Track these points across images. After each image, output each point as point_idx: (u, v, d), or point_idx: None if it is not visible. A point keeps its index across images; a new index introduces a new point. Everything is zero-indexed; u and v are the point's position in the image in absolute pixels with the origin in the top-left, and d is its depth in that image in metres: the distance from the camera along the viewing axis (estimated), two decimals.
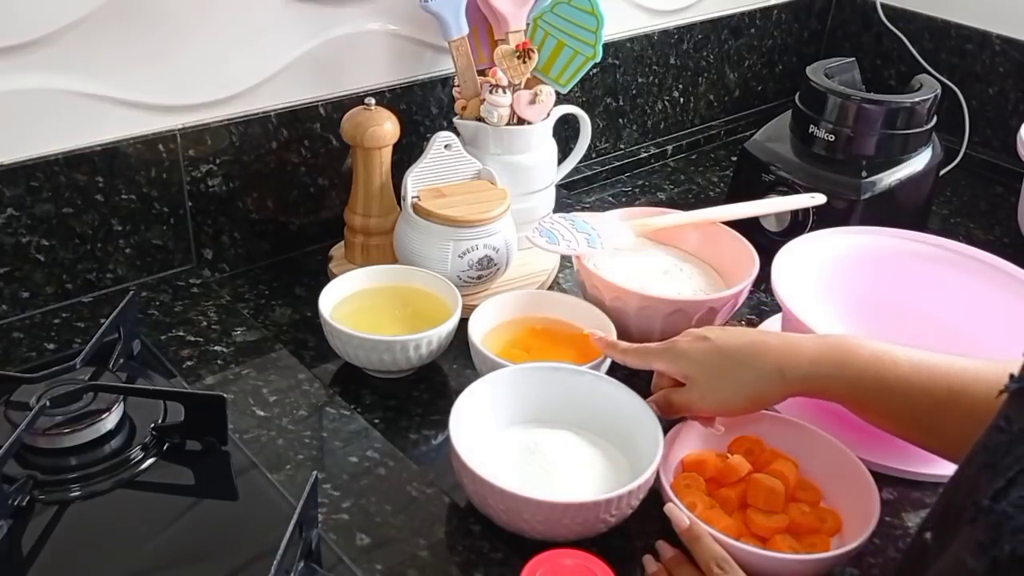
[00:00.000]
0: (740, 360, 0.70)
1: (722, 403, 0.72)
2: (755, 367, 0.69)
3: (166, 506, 0.69)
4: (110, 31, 0.84)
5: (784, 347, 0.70)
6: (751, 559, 0.65)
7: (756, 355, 0.70)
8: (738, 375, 0.70)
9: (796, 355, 0.69)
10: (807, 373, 0.68)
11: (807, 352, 0.69)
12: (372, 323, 0.85)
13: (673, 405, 0.74)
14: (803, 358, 0.69)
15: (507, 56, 0.96)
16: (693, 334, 0.74)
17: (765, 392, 0.70)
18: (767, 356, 0.69)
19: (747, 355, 0.70)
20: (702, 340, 0.72)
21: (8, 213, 0.84)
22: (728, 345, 0.71)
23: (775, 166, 1.10)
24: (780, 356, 0.69)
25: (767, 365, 0.69)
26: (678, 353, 0.73)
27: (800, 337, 0.71)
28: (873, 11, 1.47)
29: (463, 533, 0.69)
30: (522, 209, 0.99)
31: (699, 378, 0.72)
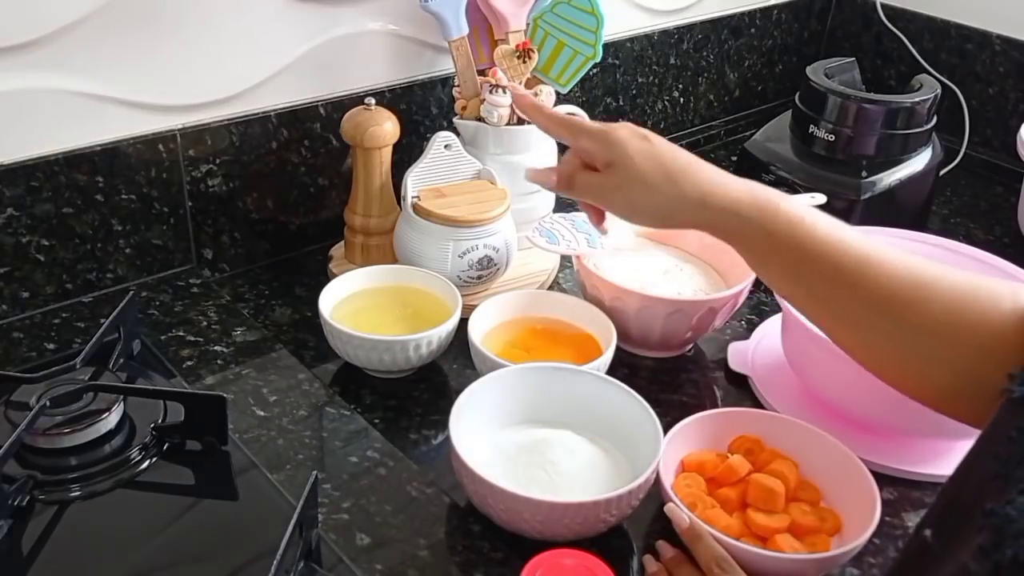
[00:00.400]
0: (671, 173, 0.68)
1: (634, 206, 0.69)
2: (682, 185, 0.67)
3: (166, 506, 0.69)
4: (110, 31, 0.84)
5: (715, 177, 0.68)
6: (752, 559, 0.65)
7: (686, 175, 0.68)
8: (663, 187, 0.68)
9: (724, 189, 0.67)
10: (727, 208, 0.67)
11: (734, 191, 0.67)
12: (372, 323, 0.85)
13: (579, 185, 0.71)
14: (729, 194, 0.67)
15: (507, 56, 0.96)
16: (632, 128, 0.71)
17: (679, 213, 0.68)
18: (697, 179, 0.67)
19: (680, 171, 0.68)
20: (642, 139, 0.70)
21: (8, 213, 0.84)
22: (666, 154, 0.69)
23: (775, 166, 1.10)
24: (709, 184, 0.67)
25: (693, 188, 0.67)
26: (614, 140, 0.69)
27: (732, 176, 0.69)
28: (873, 11, 1.47)
29: (463, 533, 0.69)
30: (522, 209, 0.99)
31: (622, 172, 0.68)
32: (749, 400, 0.88)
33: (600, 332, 0.86)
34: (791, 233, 0.65)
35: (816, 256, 0.64)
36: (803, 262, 0.65)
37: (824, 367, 0.82)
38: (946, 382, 0.63)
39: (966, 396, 0.62)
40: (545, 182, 0.72)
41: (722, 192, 0.67)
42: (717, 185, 0.67)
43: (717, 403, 0.88)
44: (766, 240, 0.66)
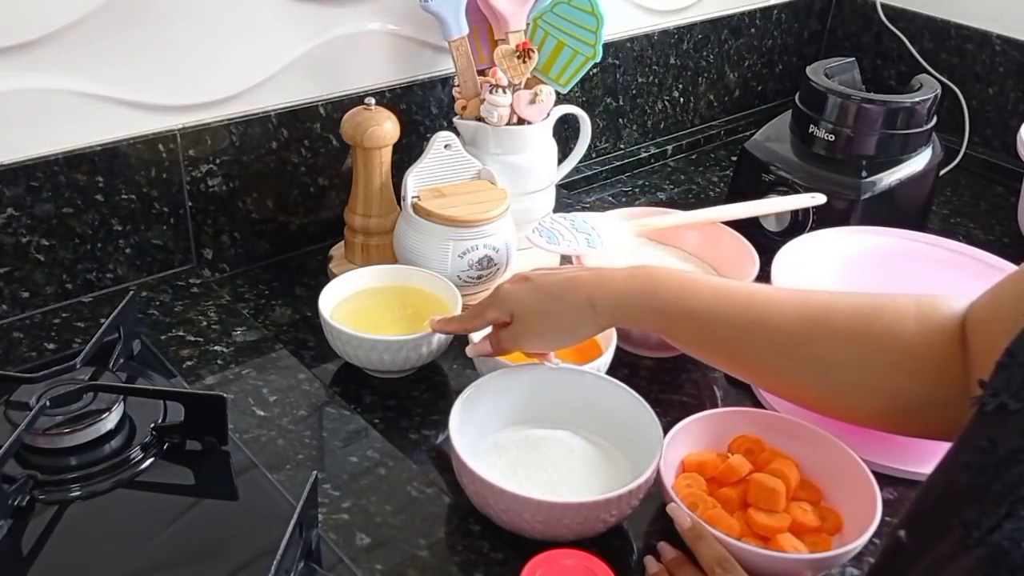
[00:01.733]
0: (556, 295, 0.73)
1: (542, 336, 0.75)
2: (568, 300, 0.72)
3: (166, 506, 0.69)
4: (110, 31, 0.84)
5: (596, 279, 0.73)
6: (754, 559, 0.65)
7: (570, 289, 0.72)
8: (554, 310, 0.73)
9: (606, 287, 0.72)
10: (616, 304, 0.71)
11: (617, 283, 0.72)
12: (372, 323, 0.85)
13: (502, 342, 0.76)
14: (613, 289, 0.72)
15: (507, 56, 0.96)
16: (515, 276, 0.77)
17: (579, 324, 0.73)
18: (579, 290, 0.72)
19: (562, 290, 0.73)
20: (523, 281, 0.75)
21: (8, 213, 0.84)
22: (545, 282, 0.74)
23: (775, 166, 1.10)
24: (592, 288, 0.72)
25: (579, 298, 0.72)
26: (502, 296, 0.75)
27: (612, 270, 0.74)
28: (873, 11, 1.47)
29: (463, 533, 0.69)
30: (522, 209, 0.99)
31: (521, 315, 0.74)
32: (749, 400, 0.88)
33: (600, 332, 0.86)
34: (680, 305, 0.70)
35: (709, 318, 0.70)
36: (700, 326, 0.71)
37: None
38: (877, 405, 0.68)
39: (903, 414, 0.67)
40: (483, 351, 0.77)
41: (606, 290, 0.72)
42: (599, 286, 0.72)
43: (717, 403, 0.88)
44: (661, 318, 0.71)
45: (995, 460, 0.42)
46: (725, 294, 0.71)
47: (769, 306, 0.69)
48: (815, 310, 0.68)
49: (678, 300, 0.70)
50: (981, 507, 0.40)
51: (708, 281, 0.72)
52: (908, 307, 0.67)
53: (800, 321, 0.68)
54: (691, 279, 0.72)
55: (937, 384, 0.65)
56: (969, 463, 0.43)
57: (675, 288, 0.71)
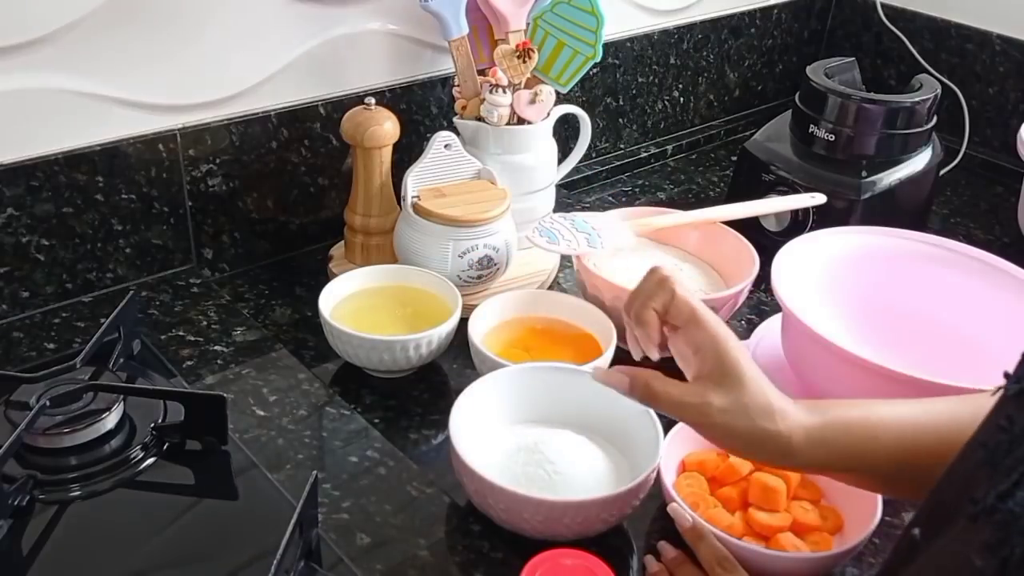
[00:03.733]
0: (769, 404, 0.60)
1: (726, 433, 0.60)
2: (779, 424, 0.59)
3: (166, 506, 0.69)
4: (110, 31, 0.84)
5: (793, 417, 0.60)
6: (755, 558, 0.65)
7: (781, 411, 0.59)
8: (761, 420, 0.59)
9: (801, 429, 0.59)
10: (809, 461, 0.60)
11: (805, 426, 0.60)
12: (372, 323, 0.85)
13: (662, 397, 0.61)
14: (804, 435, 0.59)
15: (507, 56, 0.96)
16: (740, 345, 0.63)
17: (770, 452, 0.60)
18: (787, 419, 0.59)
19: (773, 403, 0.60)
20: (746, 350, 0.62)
21: (8, 213, 0.84)
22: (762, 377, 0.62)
23: (775, 166, 1.10)
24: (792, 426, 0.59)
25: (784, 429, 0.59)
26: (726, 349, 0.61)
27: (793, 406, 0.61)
28: (873, 11, 1.47)
29: (463, 533, 0.69)
30: (522, 209, 0.99)
31: (729, 392, 0.59)
32: None
33: (600, 332, 0.86)
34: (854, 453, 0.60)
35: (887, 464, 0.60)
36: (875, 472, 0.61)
37: (824, 367, 0.82)
38: None
39: None
40: (616, 386, 0.63)
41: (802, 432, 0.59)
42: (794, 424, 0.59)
43: None
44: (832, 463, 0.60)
45: (1011, 436, 0.42)
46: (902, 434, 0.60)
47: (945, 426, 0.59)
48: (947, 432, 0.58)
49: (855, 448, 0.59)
50: (992, 481, 0.40)
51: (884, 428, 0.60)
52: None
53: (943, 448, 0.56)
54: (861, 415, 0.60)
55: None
56: (985, 442, 0.43)
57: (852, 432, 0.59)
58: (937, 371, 0.75)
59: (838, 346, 0.76)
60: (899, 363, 0.74)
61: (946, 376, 0.74)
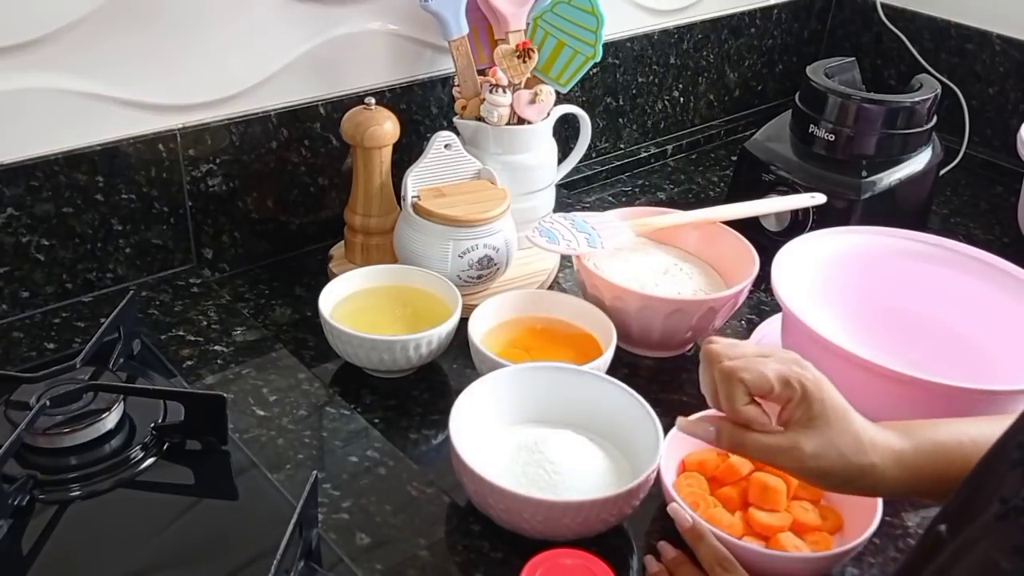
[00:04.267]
0: (856, 436, 0.60)
1: (821, 473, 0.60)
2: (870, 456, 0.60)
3: (166, 506, 0.69)
4: (110, 31, 0.84)
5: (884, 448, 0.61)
6: (755, 558, 0.65)
7: (870, 445, 0.61)
8: (854, 456, 0.60)
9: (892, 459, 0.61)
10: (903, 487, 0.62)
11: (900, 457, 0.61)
12: (372, 323, 0.85)
13: (751, 447, 0.62)
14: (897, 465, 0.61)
15: (507, 56, 0.96)
16: (820, 382, 0.62)
17: (863, 485, 0.61)
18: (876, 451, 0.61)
19: (862, 435, 0.60)
20: (827, 384, 0.62)
21: (8, 213, 0.84)
22: (844, 408, 0.62)
23: (775, 166, 1.10)
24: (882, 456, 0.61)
25: (877, 461, 0.60)
26: (814, 392, 0.60)
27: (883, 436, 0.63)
28: (873, 11, 1.47)
29: (463, 533, 0.69)
30: (522, 209, 0.99)
31: (818, 432, 0.60)
32: None
33: (600, 332, 0.86)
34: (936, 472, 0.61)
35: None
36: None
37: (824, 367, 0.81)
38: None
39: None
40: (703, 437, 0.64)
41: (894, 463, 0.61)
42: (885, 453, 0.61)
43: None
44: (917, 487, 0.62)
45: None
46: None
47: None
48: None
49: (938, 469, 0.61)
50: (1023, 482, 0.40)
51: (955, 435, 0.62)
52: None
53: None
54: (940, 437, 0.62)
55: None
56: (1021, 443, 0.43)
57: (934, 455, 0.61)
58: (937, 371, 0.75)
59: (838, 346, 0.76)
60: (899, 363, 0.75)
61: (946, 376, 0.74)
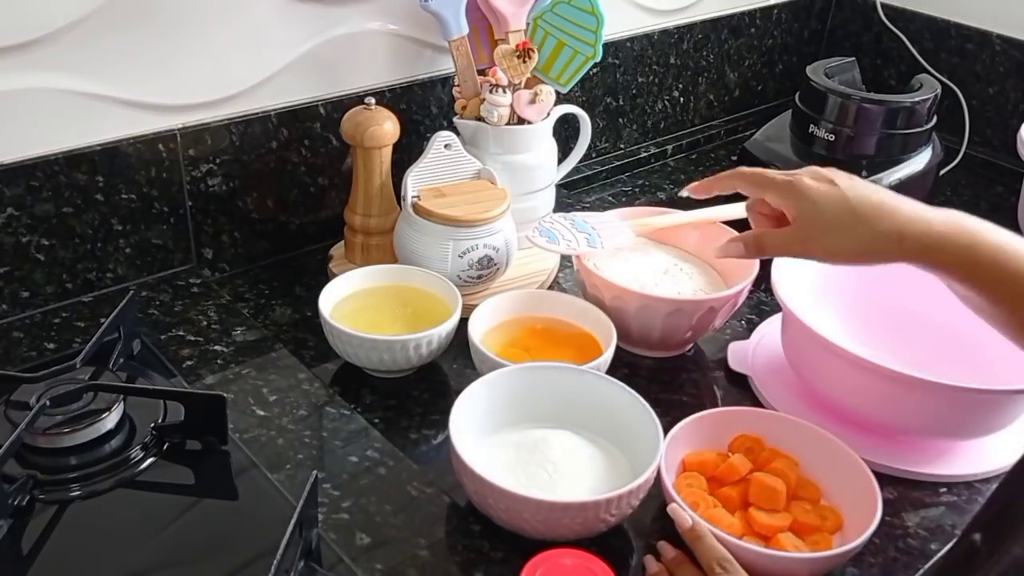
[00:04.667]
0: (864, 216, 0.67)
1: (828, 251, 0.69)
2: (876, 227, 0.67)
3: (166, 506, 0.69)
4: (110, 31, 0.84)
5: (911, 212, 0.67)
6: (755, 558, 0.65)
7: (881, 215, 0.67)
8: (856, 230, 0.67)
9: (921, 224, 0.67)
10: (929, 245, 0.66)
11: (935, 224, 0.67)
12: (372, 323, 0.85)
13: (769, 246, 0.71)
14: (929, 229, 0.66)
15: (507, 56, 0.96)
16: (819, 174, 0.70)
17: (878, 253, 0.67)
18: (892, 218, 0.67)
19: (872, 212, 0.67)
20: (828, 183, 0.69)
21: (8, 213, 0.84)
22: (857, 197, 0.68)
23: (775, 166, 1.10)
24: (905, 221, 0.67)
25: (889, 227, 0.66)
26: (799, 191, 0.69)
27: (928, 209, 0.68)
28: (873, 11, 1.47)
29: (463, 533, 0.69)
30: (522, 209, 0.99)
31: (812, 223, 0.68)
32: (749, 400, 0.88)
33: (600, 332, 0.86)
34: (994, 267, 0.65)
35: (1018, 285, 0.64)
36: (1007, 294, 0.65)
37: (824, 367, 0.82)
38: None
39: None
40: (735, 252, 0.73)
41: (921, 227, 0.66)
42: (913, 220, 0.67)
43: (717, 403, 0.88)
44: (969, 273, 0.66)
45: None
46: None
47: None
48: None
49: (993, 260, 0.65)
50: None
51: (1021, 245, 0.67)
52: None
53: None
54: (1007, 240, 0.67)
55: None
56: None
57: (992, 246, 0.66)
58: (937, 371, 0.75)
59: (838, 346, 0.76)
60: (899, 363, 0.75)
61: (946, 376, 0.74)
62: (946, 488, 0.79)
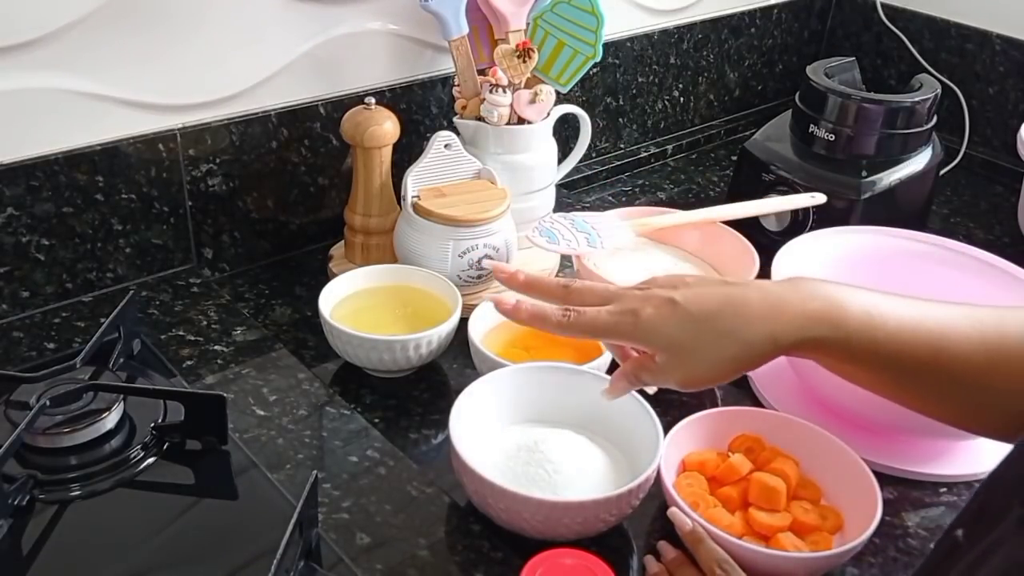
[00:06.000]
0: (725, 330, 0.61)
1: (708, 378, 0.63)
2: (744, 337, 0.61)
3: (166, 506, 0.69)
4: (110, 31, 0.84)
5: (768, 307, 0.62)
6: (755, 558, 0.65)
7: (742, 322, 0.61)
8: (724, 346, 0.61)
9: (786, 316, 0.61)
10: (801, 337, 0.61)
11: (795, 309, 0.62)
12: (372, 323, 0.85)
13: (649, 379, 0.65)
14: (794, 318, 0.61)
15: (507, 55, 0.96)
16: (657, 298, 0.62)
17: (755, 360, 0.62)
18: (755, 322, 0.61)
19: (732, 323, 0.61)
20: (670, 305, 0.62)
21: (8, 213, 0.84)
22: (705, 311, 0.61)
23: (775, 166, 1.10)
24: (770, 321, 0.61)
25: (757, 334, 0.61)
26: (647, 329, 0.61)
27: (781, 292, 0.63)
28: (873, 11, 1.47)
29: (463, 533, 0.69)
30: (522, 209, 0.99)
31: (677, 355, 0.61)
32: (749, 399, 0.88)
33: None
34: (864, 336, 0.61)
35: (892, 352, 0.61)
36: (880, 360, 0.62)
37: None
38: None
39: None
40: (624, 391, 0.67)
41: (786, 319, 0.61)
42: (777, 315, 0.61)
43: (717, 402, 0.88)
44: (843, 350, 0.62)
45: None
46: (911, 328, 0.61)
47: (954, 338, 0.61)
48: (994, 341, 0.61)
49: (862, 332, 0.61)
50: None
51: (891, 308, 0.62)
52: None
53: (979, 352, 0.61)
54: (872, 305, 0.62)
55: None
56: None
57: (860, 319, 0.61)
58: None
59: None
60: None
61: None
62: (946, 488, 0.79)
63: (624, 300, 0.63)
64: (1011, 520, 0.40)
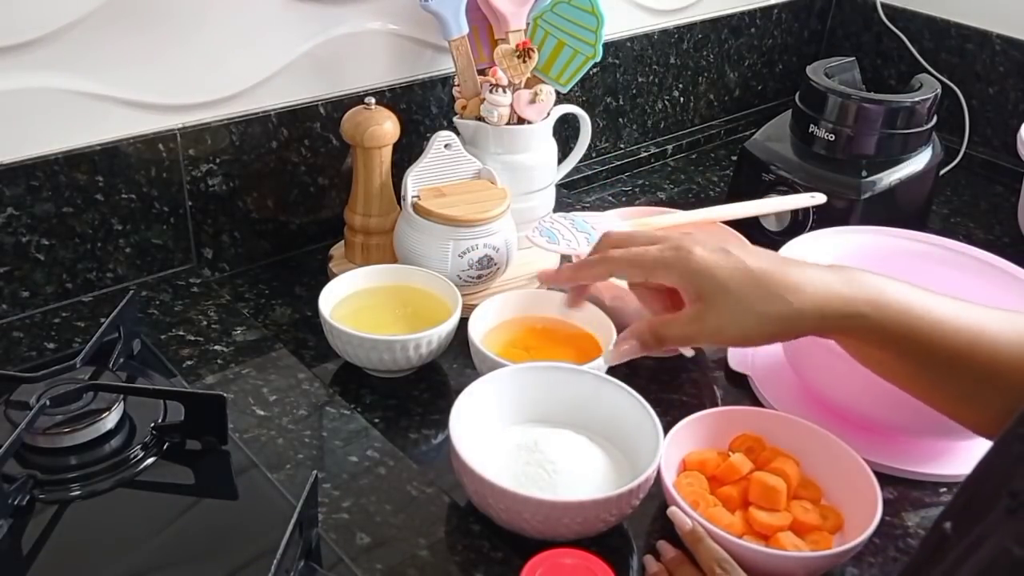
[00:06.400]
0: (777, 290, 0.59)
1: (743, 335, 0.60)
2: (794, 302, 0.58)
3: (166, 506, 0.69)
4: (110, 30, 0.84)
5: (821, 284, 0.61)
6: (755, 557, 0.65)
7: (794, 288, 0.59)
8: (774, 304, 0.58)
9: (833, 295, 0.60)
10: (845, 314, 0.60)
11: (843, 294, 0.61)
12: (372, 323, 0.85)
13: (666, 339, 0.62)
14: (839, 299, 0.60)
15: (507, 55, 0.96)
16: (708, 244, 0.60)
17: (797, 329, 0.60)
18: (807, 291, 0.59)
19: (785, 285, 0.59)
20: (723, 253, 0.60)
21: (8, 212, 0.84)
22: (760, 267, 0.59)
23: (775, 166, 1.10)
24: (820, 296, 0.60)
25: (806, 303, 0.59)
26: (697, 269, 0.59)
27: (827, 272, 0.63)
28: (873, 11, 1.47)
29: (463, 533, 0.69)
30: (522, 209, 0.99)
31: (720, 304, 0.58)
32: (749, 399, 0.88)
33: (600, 332, 0.86)
34: (902, 321, 0.60)
35: (930, 340, 0.60)
36: (915, 347, 0.61)
37: (824, 366, 0.82)
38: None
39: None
40: (631, 353, 0.64)
41: (835, 300, 0.61)
42: (827, 294, 0.60)
43: (717, 402, 0.88)
44: (881, 334, 0.61)
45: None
46: (948, 312, 0.61)
47: (991, 334, 0.61)
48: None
49: (901, 317, 0.60)
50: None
51: (931, 301, 0.62)
52: None
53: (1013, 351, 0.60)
54: (912, 293, 0.62)
55: None
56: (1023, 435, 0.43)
57: (900, 304, 0.60)
58: None
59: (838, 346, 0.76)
60: None
61: None
62: (946, 488, 0.79)
63: (673, 240, 0.62)
64: (999, 510, 0.40)
